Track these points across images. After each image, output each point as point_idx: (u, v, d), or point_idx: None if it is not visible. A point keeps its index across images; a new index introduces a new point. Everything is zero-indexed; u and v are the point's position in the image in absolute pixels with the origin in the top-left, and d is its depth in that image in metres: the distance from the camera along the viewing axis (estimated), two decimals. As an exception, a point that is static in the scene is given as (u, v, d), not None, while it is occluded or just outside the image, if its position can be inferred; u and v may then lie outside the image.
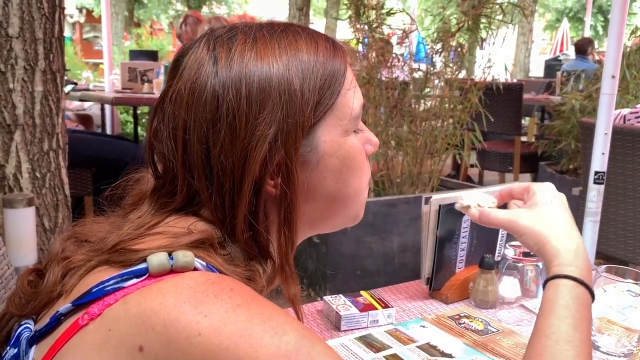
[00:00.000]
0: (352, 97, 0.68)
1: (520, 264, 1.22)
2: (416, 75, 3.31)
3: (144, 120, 6.33)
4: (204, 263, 0.60)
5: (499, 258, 1.29)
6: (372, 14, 3.10)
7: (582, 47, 6.34)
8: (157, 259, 0.57)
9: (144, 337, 0.53)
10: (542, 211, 0.79)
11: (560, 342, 0.68)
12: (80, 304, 0.58)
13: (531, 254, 1.21)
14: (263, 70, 0.61)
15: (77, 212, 2.72)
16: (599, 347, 1.04)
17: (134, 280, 0.57)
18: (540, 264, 1.23)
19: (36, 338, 0.60)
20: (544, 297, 0.74)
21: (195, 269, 0.58)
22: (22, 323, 0.63)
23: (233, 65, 0.61)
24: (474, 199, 0.87)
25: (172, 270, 0.57)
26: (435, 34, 3.14)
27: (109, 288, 0.57)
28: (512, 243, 1.24)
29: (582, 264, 0.75)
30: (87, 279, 0.60)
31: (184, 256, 0.58)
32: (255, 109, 0.60)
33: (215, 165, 0.61)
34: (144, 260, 0.58)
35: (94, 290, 0.57)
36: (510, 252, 1.21)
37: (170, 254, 0.58)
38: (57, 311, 0.59)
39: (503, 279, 1.23)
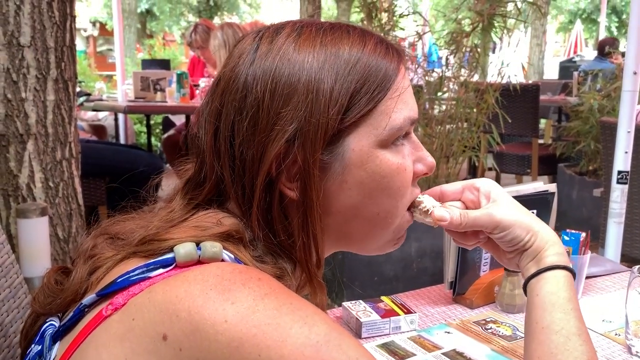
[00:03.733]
0: (393, 106, 0.62)
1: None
2: (430, 78, 3.26)
3: (157, 131, 6.35)
4: (232, 256, 0.58)
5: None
6: (384, 17, 3.06)
7: (603, 48, 6.18)
8: (185, 249, 0.56)
9: (168, 325, 0.51)
10: (510, 202, 0.72)
11: (571, 338, 0.65)
12: (105, 294, 0.56)
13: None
14: (295, 65, 0.59)
15: (91, 222, 2.70)
16: (638, 352, 0.98)
17: (161, 270, 0.55)
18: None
19: (60, 334, 0.58)
20: (542, 287, 0.69)
21: (222, 261, 0.57)
22: (48, 320, 0.62)
23: (269, 57, 0.60)
24: (430, 202, 0.72)
25: (200, 261, 0.56)
26: (448, 36, 3.09)
27: (134, 278, 0.55)
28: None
29: (566, 253, 0.72)
30: (114, 270, 0.59)
31: (212, 247, 0.56)
32: (278, 103, 0.58)
33: (237, 155, 0.60)
34: (171, 250, 0.57)
35: (118, 280, 0.56)
36: (537, 253, 1.16)
37: (198, 244, 0.56)
38: (81, 303, 0.57)
39: (530, 282, 1.18)
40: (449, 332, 1.08)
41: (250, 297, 0.51)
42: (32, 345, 0.61)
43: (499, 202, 0.72)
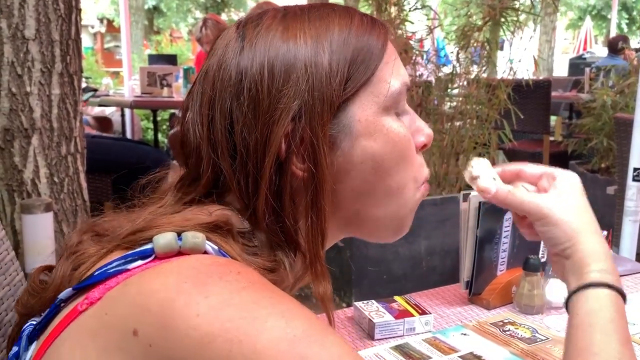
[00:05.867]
0: (389, 73, 0.61)
1: (569, 266, 1.12)
2: (440, 74, 3.21)
3: (164, 127, 6.32)
4: (217, 247, 0.54)
5: (544, 259, 1.19)
6: (394, 10, 3.01)
7: (614, 45, 6.09)
8: (164, 239, 0.52)
9: (140, 319, 0.47)
10: (574, 203, 0.66)
11: None
12: (81, 288, 0.53)
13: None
14: (289, 43, 0.58)
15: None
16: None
17: (139, 262, 0.52)
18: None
19: (37, 332, 0.55)
20: (582, 306, 0.62)
21: (205, 253, 0.53)
22: (29, 320, 0.59)
23: (259, 39, 0.58)
24: (484, 169, 0.69)
25: (181, 252, 0.52)
26: (459, 30, 3.04)
27: (111, 270, 0.52)
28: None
29: (617, 272, 0.65)
30: (97, 265, 0.55)
31: (194, 237, 0.53)
32: (278, 81, 0.56)
33: (239, 142, 0.57)
34: (151, 240, 0.53)
35: (96, 273, 0.53)
36: (558, 253, 1.11)
37: (179, 235, 0.53)
38: (58, 298, 0.54)
39: (549, 282, 1.13)
40: (465, 334, 1.04)
41: (227, 291, 0.47)
42: (13, 347, 0.58)
43: (559, 194, 0.66)
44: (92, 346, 0.49)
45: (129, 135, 5.22)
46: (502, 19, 2.91)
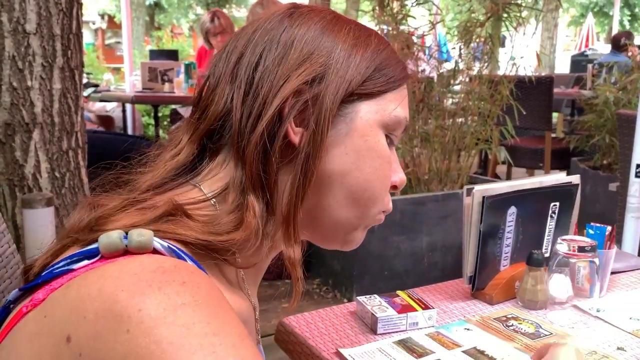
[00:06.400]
0: (401, 101, 0.67)
1: (573, 260, 1.11)
2: (442, 70, 3.20)
3: (165, 123, 6.30)
4: (165, 244, 0.52)
5: (548, 254, 1.19)
6: (396, 5, 3.00)
7: (618, 42, 6.05)
8: (108, 238, 0.50)
9: (75, 326, 0.45)
10: None
11: None
12: (27, 288, 0.51)
13: (586, 249, 1.10)
14: (334, 32, 0.64)
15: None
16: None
17: (85, 262, 0.50)
18: (596, 260, 1.12)
19: None
20: None
21: (155, 250, 0.51)
22: None
23: (310, 15, 0.65)
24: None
25: (128, 251, 0.50)
26: (461, 26, 3.03)
27: (57, 271, 0.50)
28: (565, 237, 1.13)
29: None
30: (54, 261, 0.54)
31: (139, 235, 0.50)
32: (313, 46, 0.62)
33: (257, 80, 0.62)
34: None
35: (44, 273, 0.51)
36: (563, 248, 1.11)
37: (127, 233, 0.51)
38: (7, 299, 0.52)
39: (553, 277, 1.13)
40: (468, 329, 1.03)
41: (162, 307, 0.44)
42: None
43: None
44: (27, 350, 0.47)
45: (130, 131, 5.21)
46: (505, 15, 2.89)
